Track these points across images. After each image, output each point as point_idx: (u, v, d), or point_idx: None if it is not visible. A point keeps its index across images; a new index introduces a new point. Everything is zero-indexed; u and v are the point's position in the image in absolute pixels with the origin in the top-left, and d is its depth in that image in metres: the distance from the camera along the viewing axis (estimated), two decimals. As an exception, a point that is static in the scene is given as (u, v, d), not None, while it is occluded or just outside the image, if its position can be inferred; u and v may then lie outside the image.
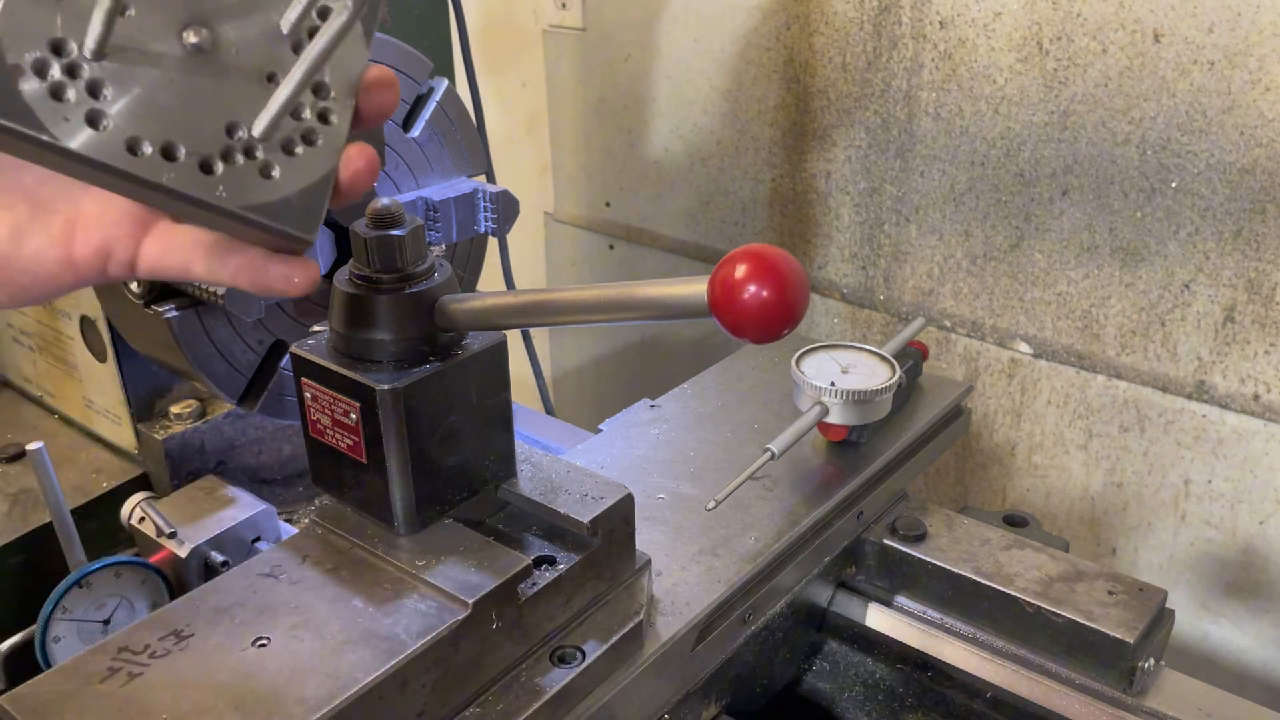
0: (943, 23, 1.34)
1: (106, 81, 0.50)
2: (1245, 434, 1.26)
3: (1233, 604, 1.34)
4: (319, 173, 0.54)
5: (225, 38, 0.52)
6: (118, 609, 0.89)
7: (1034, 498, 1.48)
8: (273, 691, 0.55)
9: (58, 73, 0.49)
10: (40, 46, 0.48)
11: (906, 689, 0.89)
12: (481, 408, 0.66)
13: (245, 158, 0.52)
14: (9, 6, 0.48)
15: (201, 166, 0.51)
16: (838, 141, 1.51)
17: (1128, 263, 1.29)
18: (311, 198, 0.54)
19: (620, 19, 1.71)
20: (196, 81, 0.52)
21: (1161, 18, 1.17)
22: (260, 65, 0.54)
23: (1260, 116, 1.14)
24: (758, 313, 0.49)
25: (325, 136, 0.55)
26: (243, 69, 0.53)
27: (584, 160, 1.88)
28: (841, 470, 0.90)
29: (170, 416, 1.02)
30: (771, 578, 0.82)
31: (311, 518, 0.68)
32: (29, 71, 0.48)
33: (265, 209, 0.52)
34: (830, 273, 1.59)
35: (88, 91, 0.49)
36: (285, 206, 0.53)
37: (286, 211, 0.53)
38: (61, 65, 0.49)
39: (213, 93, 0.52)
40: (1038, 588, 0.84)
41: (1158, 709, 0.79)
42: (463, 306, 0.62)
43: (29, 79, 0.48)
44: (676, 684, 0.75)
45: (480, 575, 0.62)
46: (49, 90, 0.48)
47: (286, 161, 0.54)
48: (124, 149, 0.50)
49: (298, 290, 0.55)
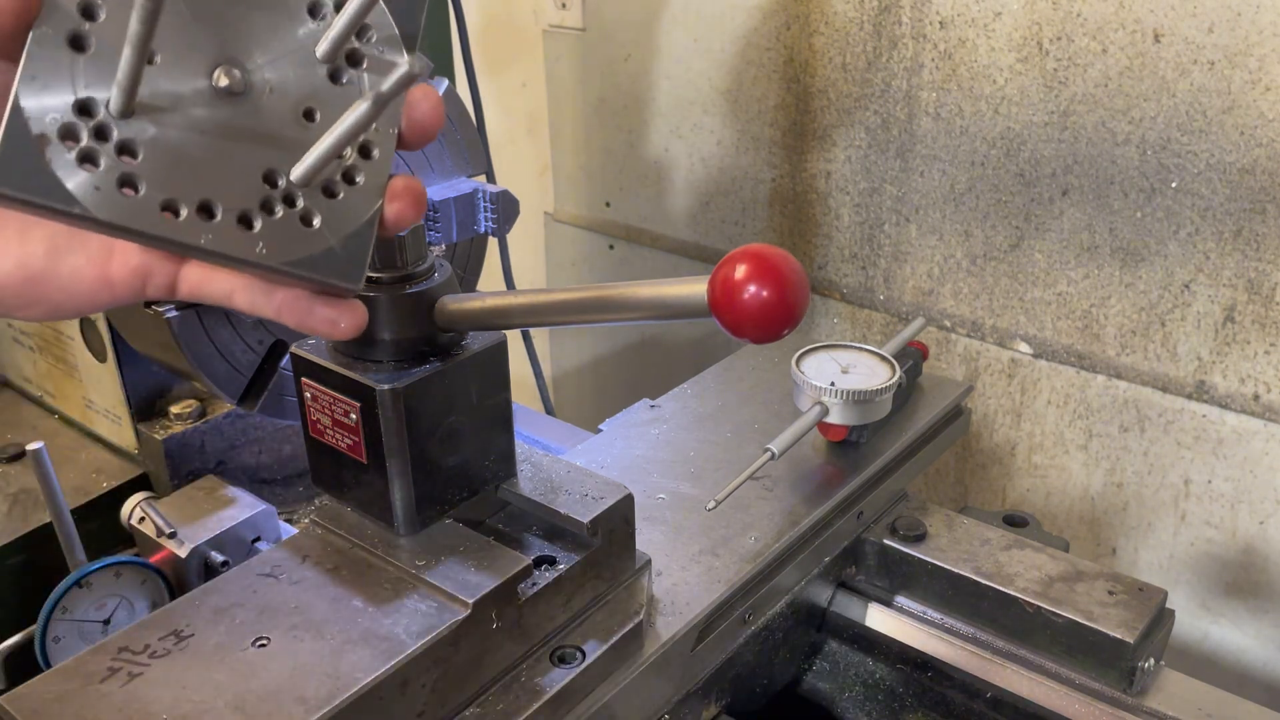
0: (943, 23, 1.34)
1: (137, 141, 0.46)
2: (1245, 434, 1.26)
3: (1233, 604, 1.34)
4: (363, 216, 0.51)
5: (258, 76, 0.49)
6: (118, 609, 0.89)
7: (1034, 498, 1.48)
8: (273, 691, 0.55)
9: (86, 137, 0.45)
10: (65, 110, 0.45)
11: (906, 689, 0.89)
12: (481, 408, 0.66)
13: (285, 207, 0.49)
14: (29, 67, 0.44)
15: (240, 221, 0.48)
16: (838, 141, 1.51)
17: (1128, 263, 1.29)
18: (356, 244, 0.51)
19: (620, 19, 1.71)
20: (231, 128, 0.48)
21: (1162, 18, 1.17)
22: (297, 101, 0.50)
23: (1260, 116, 1.14)
24: (758, 313, 0.49)
25: (368, 173, 0.51)
26: (279, 109, 0.49)
27: (584, 160, 1.88)
28: (841, 470, 0.90)
29: (170, 416, 1.02)
30: (771, 578, 0.82)
31: (311, 518, 0.68)
32: (55, 140, 0.44)
33: (307, 263, 0.49)
34: (830, 273, 1.59)
35: (118, 153, 0.46)
36: (328, 257, 0.50)
37: (330, 262, 0.50)
38: (90, 129, 0.45)
39: (249, 138, 0.48)
40: (1038, 588, 0.84)
41: (1158, 709, 0.79)
42: (463, 306, 0.62)
43: (56, 148, 0.44)
44: (676, 684, 0.75)
45: (480, 575, 0.62)
46: (78, 158, 0.45)
47: (328, 206, 0.50)
48: (159, 212, 0.46)
49: (343, 335, 0.53)
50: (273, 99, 0.49)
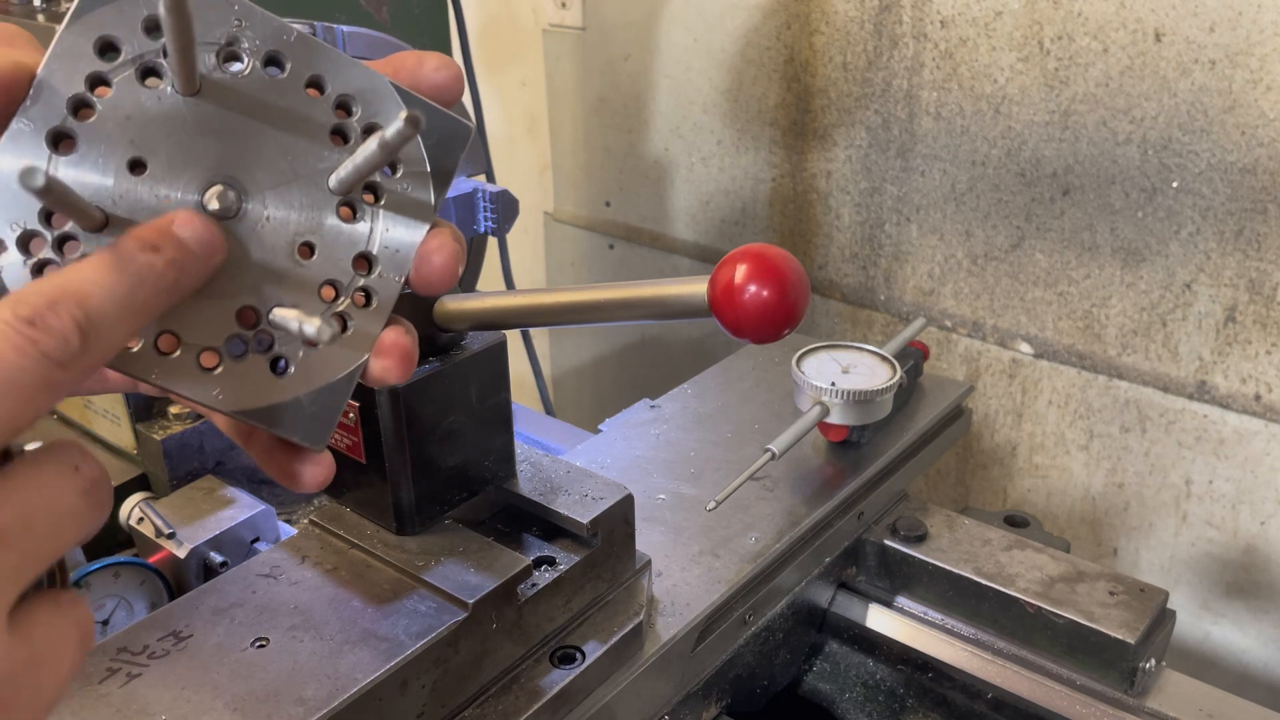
0: (943, 22, 1.34)
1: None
2: (1246, 434, 1.26)
3: (1234, 605, 1.34)
4: (342, 369, 0.44)
5: (256, 200, 0.42)
6: (116, 609, 0.89)
7: (1035, 498, 1.48)
8: (272, 692, 0.55)
9: (48, 249, 0.39)
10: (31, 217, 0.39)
11: (907, 689, 0.89)
12: (481, 408, 0.66)
13: (257, 350, 0.43)
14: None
15: (200, 360, 0.42)
16: (838, 141, 1.51)
17: (1129, 263, 1.29)
18: (327, 400, 0.44)
19: (620, 18, 1.71)
20: None
21: (1163, 17, 1.17)
22: (296, 233, 0.43)
23: (1261, 116, 1.14)
24: (758, 313, 0.48)
25: (360, 321, 0.44)
26: (273, 239, 0.42)
27: (584, 160, 1.87)
28: (842, 470, 0.90)
29: (169, 416, 1.02)
30: (772, 578, 0.82)
31: (310, 518, 0.68)
32: (12, 248, 0.39)
33: (266, 414, 0.43)
34: (830, 273, 1.59)
35: None
36: (293, 410, 0.43)
37: (294, 417, 0.43)
38: (53, 239, 0.39)
39: (230, 269, 0.41)
40: (1039, 588, 0.84)
41: (1159, 710, 0.79)
42: (463, 306, 0.62)
43: (11, 256, 0.39)
44: (676, 684, 0.75)
45: (480, 576, 0.62)
46: (33, 269, 0.39)
47: (305, 355, 0.43)
48: None
49: (303, 490, 0.46)
50: (269, 227, 0.42)
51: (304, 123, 0.43)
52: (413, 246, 0.45)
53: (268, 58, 0.42)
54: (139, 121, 0.40)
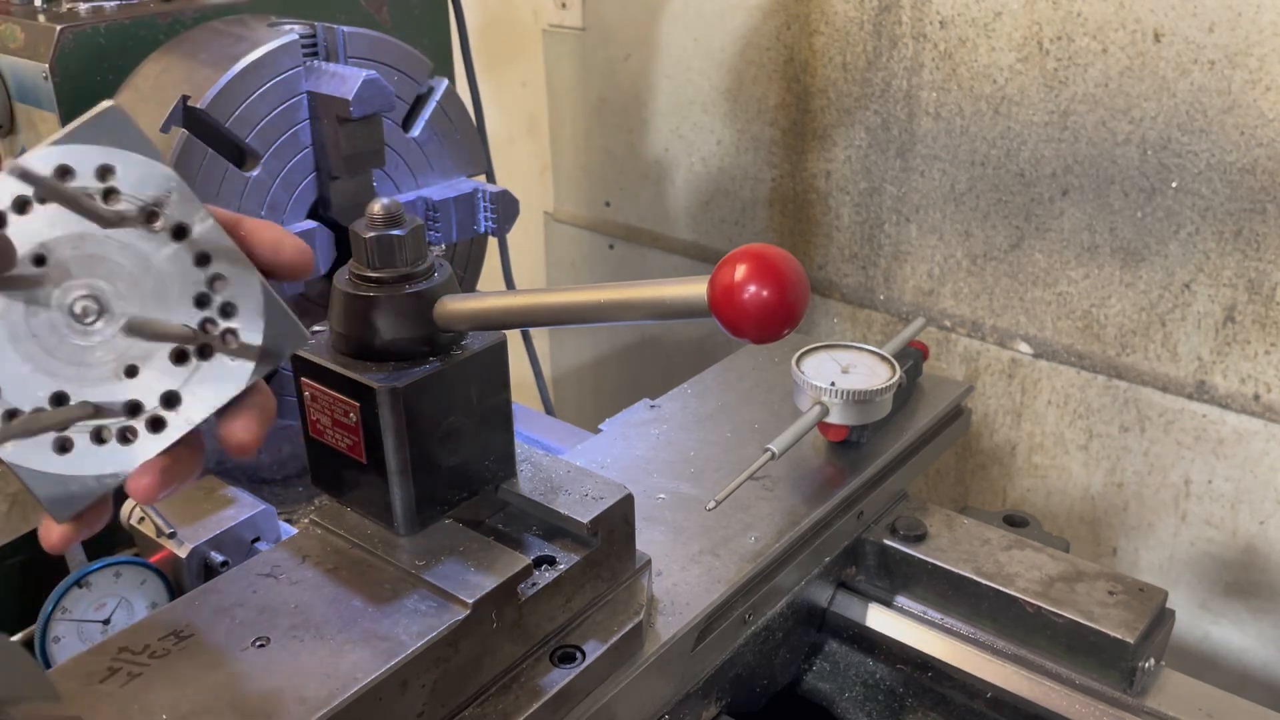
0: (943, 22, 1.34)
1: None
2: (1245, 434, 1.26)
3: (1233, 604, 1.34)
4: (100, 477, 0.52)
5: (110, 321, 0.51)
6: (117, 609, 0.89)
7: (1034, 498, 1.48)
8: (273, 691, 0.55)
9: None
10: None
11: (907, 689, 0.89)
12: (481, 408, 0.66)
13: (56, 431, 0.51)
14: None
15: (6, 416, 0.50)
16: (838, 141, 1.51)
17: (1128, 263, 1.29)
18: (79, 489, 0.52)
19: (620, 19, 1.71)
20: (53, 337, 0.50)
21: (1162, 17, 1.17)
22: (129, 356, 0.52)
23: (1261, 116, 1.14)
24: (758, 313, 0.49)
25: (141, 442, 0.53)
26: (108, 349, 0.51)
27: (584, 160, 1.88)
28: (842, 470, 0.90)
29: (170, 416, 1.02)
30: (771, 578, 0.82)
31: (311, 518, 0.68)
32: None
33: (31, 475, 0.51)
34: (830, 273, 1.59)
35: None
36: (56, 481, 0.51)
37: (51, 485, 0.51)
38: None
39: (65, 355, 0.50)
40: (1038, 588, 0.84)
41: (1158, 709, 0.79)
42: (463, 306, 0.62)
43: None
44: (676, 684, 0.75)
45: (480, 575, 0.62)
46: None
47: (88, 447, 0.52)
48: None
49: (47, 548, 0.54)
50: (112, 341, 0.51)
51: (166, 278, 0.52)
52: (213, 405, 0.54)
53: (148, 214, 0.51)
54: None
